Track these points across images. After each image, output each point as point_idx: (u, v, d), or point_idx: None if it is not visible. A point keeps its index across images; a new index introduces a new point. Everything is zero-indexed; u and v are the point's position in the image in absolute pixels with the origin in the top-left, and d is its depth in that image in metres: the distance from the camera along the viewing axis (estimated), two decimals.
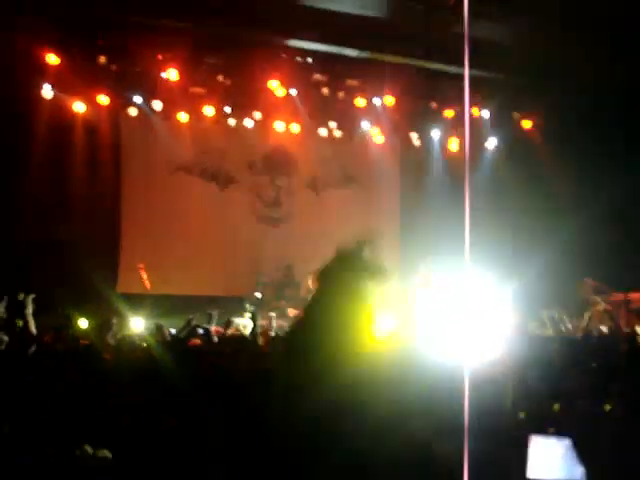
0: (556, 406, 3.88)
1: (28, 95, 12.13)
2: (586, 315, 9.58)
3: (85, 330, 9.07)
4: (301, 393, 3.18)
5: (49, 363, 5.59)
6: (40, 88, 12.29)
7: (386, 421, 3.20)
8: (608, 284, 12.90)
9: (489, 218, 14.25)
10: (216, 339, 7.10)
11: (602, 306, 12.65)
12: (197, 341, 6.94)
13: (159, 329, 7.44)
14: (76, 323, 9.47)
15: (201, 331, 7.11)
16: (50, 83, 12.32)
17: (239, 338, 7.23)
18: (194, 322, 7.73)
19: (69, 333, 8.12)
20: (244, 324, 10.32)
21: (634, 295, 12.51)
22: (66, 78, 12.29)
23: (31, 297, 6.81)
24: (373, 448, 3.11)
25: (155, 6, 11.24)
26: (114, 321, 8.08)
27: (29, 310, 6.58)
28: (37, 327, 6.67)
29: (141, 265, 12.03)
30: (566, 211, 13.70)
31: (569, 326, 10.14)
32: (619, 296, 12.78)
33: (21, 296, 6.82)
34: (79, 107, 12.80)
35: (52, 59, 11.98)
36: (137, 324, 9.88)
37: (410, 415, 3.44)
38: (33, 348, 6.02)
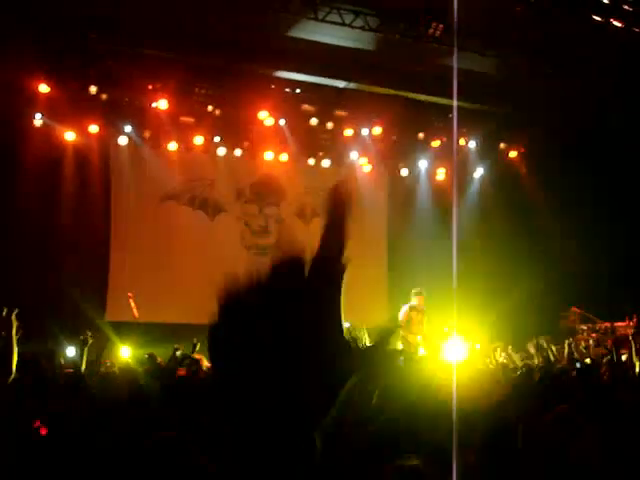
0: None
1: (19, 124, 12.19)
2: (566, 343, 9.68)
3: (72, 359, 9.10)
4: None
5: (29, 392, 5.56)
6: (31, 117, 12.36)
7: None
8: (594, 313, 13.01)
9: (475, 248, 14.40)
10: (204, 368, 7.10)
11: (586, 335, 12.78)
12: (182, 371, 6.94)
13: (151, 358, 7.44)
14: (64, 351, 9.50)
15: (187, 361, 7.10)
16: (40, 112, 12.39)
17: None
18: (179, 352, 7.73)
19: (55, 361, 8.15)
20: None
21: (620, 324, 12.61)
22: (56, 107, 12.38)
23: (15, 313, 6.66)
24: None
25: (146, 37, 11.37)
26: (102, 350, 8.10)
27: (14, 330, 6.48)
28: (24, 354, 6.63)
29: (130, 293, 12.03)
30: (551, 241, 13.84)
31: (555, 354, 10.21)
32: (605, 325, 12.87)
33: (4, 311, 6.67)
34: (69, 136, 12.86)
35: (43, 88, 12.06)
36: (125, 352, 9.89)
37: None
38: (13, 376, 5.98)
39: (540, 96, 12.52)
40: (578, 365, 8.39)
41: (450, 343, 10.79)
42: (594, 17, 10.09)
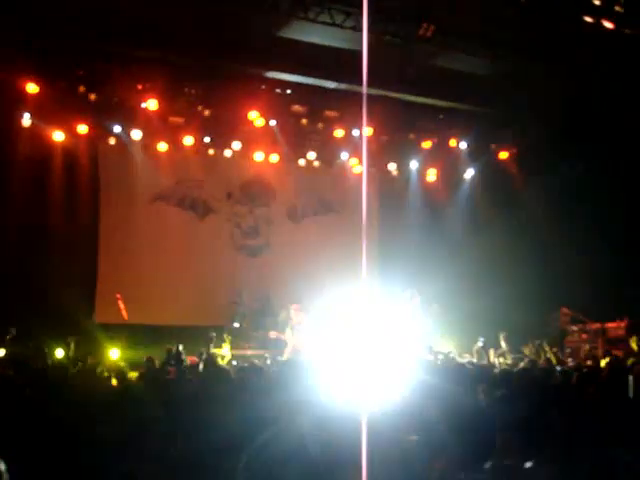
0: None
1: (6, 124, 12.09)
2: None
3: (60, 360, 9.05)
4: None
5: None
6: (19, 117, 12.26)
7: None
8: (584, 314, 13.01)
9: (467, 247, 14.40)
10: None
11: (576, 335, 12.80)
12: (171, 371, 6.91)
13: (149, 362, 7.39)
14: (51, 353, 9.44)
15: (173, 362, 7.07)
16: (29, 112, 12.29)
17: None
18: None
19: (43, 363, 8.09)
20: (222, 354, 10.31)
21: (611, 325, 12.60)
22: (45, 107, 12.26)
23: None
24: None
25: (135, 37, 11.29)
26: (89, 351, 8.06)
27: None
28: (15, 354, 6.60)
29: (119, 295, 11.98)
30: (541, 241, 13.83)
31: (549, 355, 10.23)
32: (596, 325, 12.87)
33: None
34: (58, 136, 12.78)
35: (31, 88, 11.95)
36: (114, 354, 9.85)
37: None
38: None
39: (532, 97, 12.50)
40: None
41: None
42: (585, 18, 10.07)
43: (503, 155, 15.27)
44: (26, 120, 12.36)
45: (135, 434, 4.64)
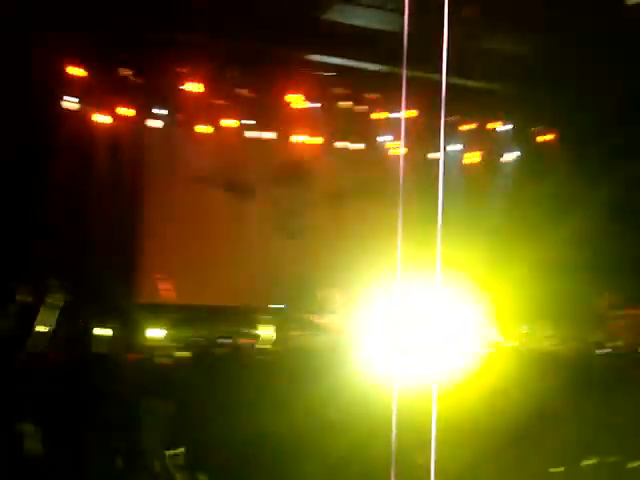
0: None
1: (53, 107, 12.27)
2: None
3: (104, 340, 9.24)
4: None
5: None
6: (64, 100, 12.43)
7: None
8: (625, 298, 12.92)
9: (506, 233, 14.33)
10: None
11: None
12: None
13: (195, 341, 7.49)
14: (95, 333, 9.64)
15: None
16: (74, 95, 12.46)
17: None
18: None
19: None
20: (268, 336, 10.42)
21: None
22: (90, 90, 12.44)
23: None
24: None
25: (177, 19, 11.37)
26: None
27: None
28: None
29: (162, 275, 12.14)
30: (583, 226, 13.71)
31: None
32: (636, 311, 12.78)
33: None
34: (103, 119, 12.94)
35: (77, 71, 12.12)
36: (158, 334, 10.02)
37: None
38: None
39: (579, 81, 12.36)
40: None
41: None
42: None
43: (545, 139, 15.13)
44: (71, 103, 12.53)
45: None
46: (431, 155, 15.57)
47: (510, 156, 15.41)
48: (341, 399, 3.73)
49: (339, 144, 14.91)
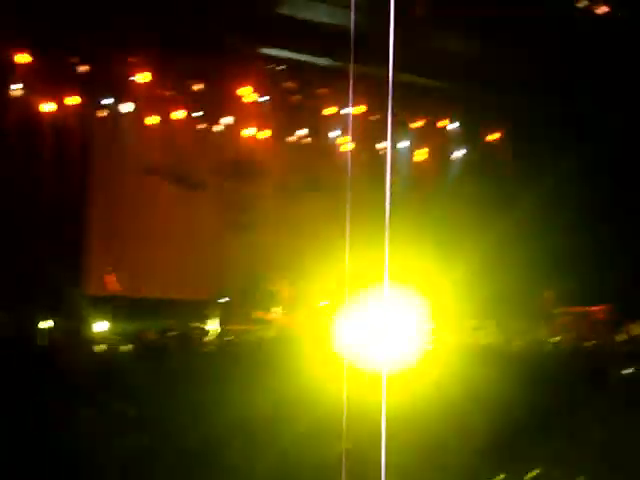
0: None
1: None
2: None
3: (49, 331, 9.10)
4: None
5: None
6: (9, 87, 12.17)
7: None
8: (569, 297, 13.18)
9: (453, 228, 14.50)
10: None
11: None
12: None
13: (141, 333, 7.45)
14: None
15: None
16: (20, 82, 12.19)
17: None
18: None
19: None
20: (212, 329, 10.39)
21: (595, 308, 12.78)
22: (36, 78, 12.18)
23: None
24: None
25: (127, 9, 11.22)
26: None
27: None
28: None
29: (109, 267, 12.00)
30: (527, 224, 13.94)
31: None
32: (580, 309, 13.05)
33: None
34: (48, 107, 12.70)
35: (23, 58, 11.86)
36: (104, 326, 9.91)
37: None
38: None
39: (523, 80, 12.56)
40: None
41: None
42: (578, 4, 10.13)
43: (491, 137, 15.36)
44: (16, 91, 12.26)
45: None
46: (380, 150, 15.70)
47: (457, 154, 15.60)
48: (284, 393, 3.74)
49: (290, 138, 14.91)
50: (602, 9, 10.03)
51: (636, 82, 11.82)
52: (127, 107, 13.14)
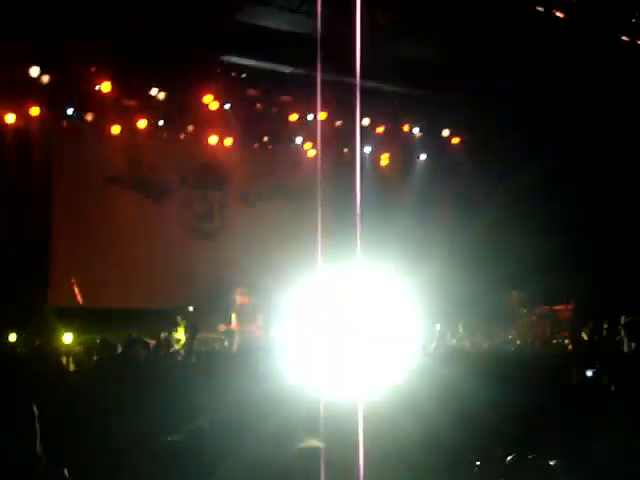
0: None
1: None
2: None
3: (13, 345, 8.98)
4: None
5: None
6: None
7: None
8: (533, 296, 13.34)
9: (418, 231, 14.59)
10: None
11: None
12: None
13: (105, 344, 7.38)
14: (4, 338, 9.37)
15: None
16: None
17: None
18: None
19: None
20: (178, 338, 10.33)
21: (559, 307, 12.96)
22: None
23: None
24: None
25: (89, 18, 11.14)
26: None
27: None
28: None
29: (73, 279, 11.89)
30: (491, 226, 14.08)
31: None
32: (544, 308, 13.22)
33: None
34: (9, 118, 12.55)
35: None
36: (68, 338, 9.80)
37: None
38: None
39: (484, 84, 12.69)
40: None
41: None
42: (537, 7, 10.27)
43: (455, 140, 15.50)
44: None
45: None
46: (345, 156, 15.75)
47: (421, 157, 15.72)
48: (248, 401, 3.74)
49: (254, 145, 14.91)
50: (560, 13, 10.18)
51: (601, 80, 11.98)
52: (89, 117, 13.02)
